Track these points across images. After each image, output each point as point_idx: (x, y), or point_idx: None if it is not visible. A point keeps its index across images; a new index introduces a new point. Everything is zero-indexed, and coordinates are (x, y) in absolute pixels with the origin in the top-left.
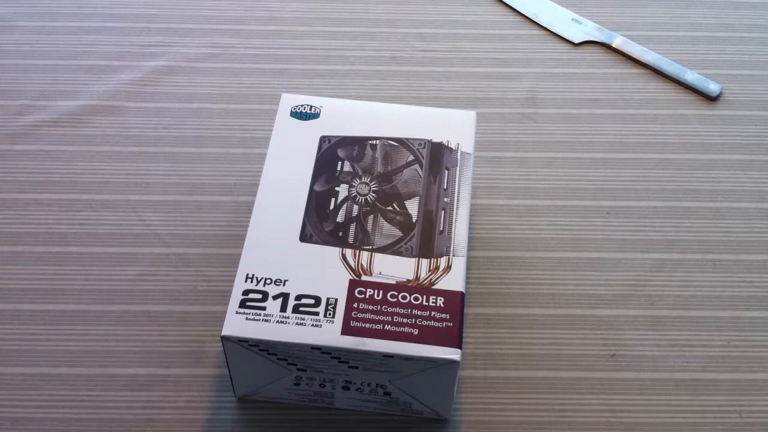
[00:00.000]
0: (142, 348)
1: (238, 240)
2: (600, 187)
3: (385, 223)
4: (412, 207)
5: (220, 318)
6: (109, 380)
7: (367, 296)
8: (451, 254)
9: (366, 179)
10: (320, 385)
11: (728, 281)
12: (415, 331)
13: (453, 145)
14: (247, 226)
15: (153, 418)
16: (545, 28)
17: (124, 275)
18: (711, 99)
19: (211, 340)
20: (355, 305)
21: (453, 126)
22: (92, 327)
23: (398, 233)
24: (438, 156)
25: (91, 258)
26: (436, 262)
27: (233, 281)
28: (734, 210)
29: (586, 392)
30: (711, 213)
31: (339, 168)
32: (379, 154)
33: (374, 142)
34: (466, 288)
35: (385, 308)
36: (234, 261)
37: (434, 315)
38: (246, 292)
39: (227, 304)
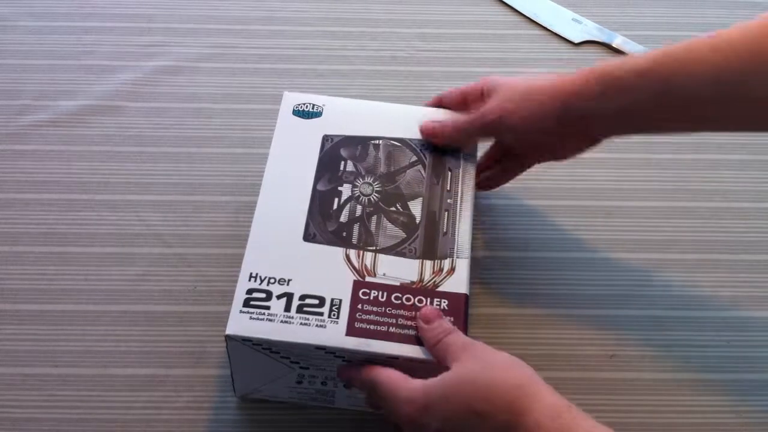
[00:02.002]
0: (142, 348)
1: (239, 240)
2: (600, 187)
3: (389, 224)
4: (416, 208)
5: (220, 318)
6: (109, 380)
7: (372, 298)
8: (455, 256)
9: (369, 179)
10: (322, 383)
11: (728, 281)
12: None
13: None
14: (247, 226)
15: (153, 418)
16: (545, 28)
17: (124, 275)
18: None
19: (212, 340)
20: (360, 306)
21: None
22: (92, 327)
23: (402, 234)
24: (441, 157)
25: (91, 258)
26: (440, 264)
27: (233, 281)
28: (734, 210)
29: (586, 392)
30: (710, 213)
31: (342, 167)
32: (382, 154)
33: (377, 141)
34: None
35: (389, 310)
36: (234, 261)
37: None
38: (250, 291)
39: (227, 304)
